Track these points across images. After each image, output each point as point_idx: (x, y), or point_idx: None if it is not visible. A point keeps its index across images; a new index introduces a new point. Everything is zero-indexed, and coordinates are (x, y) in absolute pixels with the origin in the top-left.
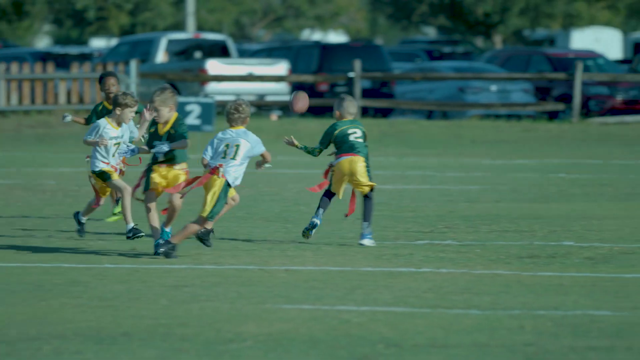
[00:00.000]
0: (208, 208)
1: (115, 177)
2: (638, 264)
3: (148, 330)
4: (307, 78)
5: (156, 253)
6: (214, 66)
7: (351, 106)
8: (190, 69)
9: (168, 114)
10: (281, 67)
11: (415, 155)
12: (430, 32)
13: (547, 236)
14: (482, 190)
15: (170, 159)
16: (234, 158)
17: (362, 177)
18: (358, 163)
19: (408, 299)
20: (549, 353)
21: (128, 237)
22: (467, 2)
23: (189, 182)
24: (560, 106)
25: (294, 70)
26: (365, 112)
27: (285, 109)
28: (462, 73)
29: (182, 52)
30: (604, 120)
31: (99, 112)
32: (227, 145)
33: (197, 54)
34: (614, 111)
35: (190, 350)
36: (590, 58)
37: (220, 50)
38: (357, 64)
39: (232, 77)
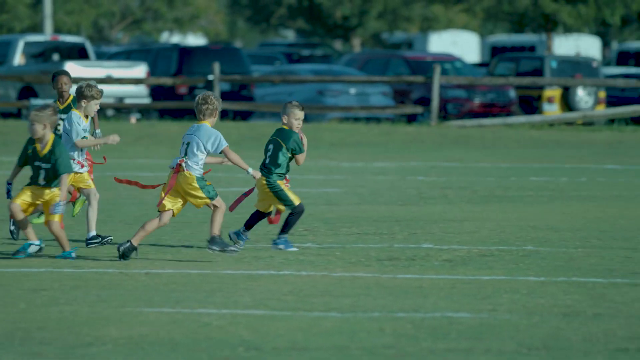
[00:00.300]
0: (202, 201)
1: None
2: (496, 266)
3: (6, 334)
4: (166, 81)
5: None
6: (72, 68)
7: (299, 112)
8: (47, 71)
9: (42, 131)
10: (140, 70)
11: None
12: (289, 35)
13: (407, 238)
14: (342, 193)
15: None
16: (185, 155)
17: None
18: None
19: (268, 302)
20: (409, 355)
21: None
22: (325, 5)
23: (166, 189)
24: (418, 109)
25: (152, 72)
26: (224, 114)
27: (144, 111)
28: (321, 76)
29: (40, 54)
30: (462, 124)
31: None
32: (182, 142)
33: (55, 57)
34: (472, 114)
35: (49, 354)
36: (448, 61)
37: (78, 53)
38: (216, 66)
39: (90, 79)
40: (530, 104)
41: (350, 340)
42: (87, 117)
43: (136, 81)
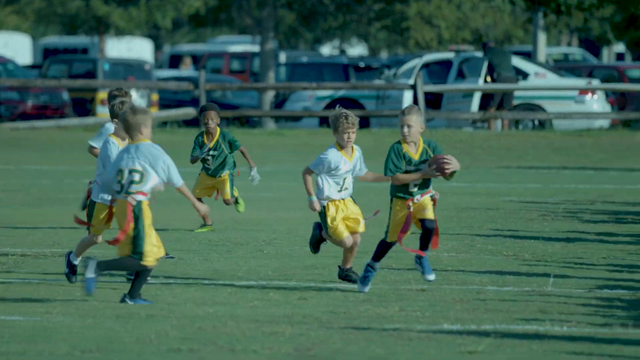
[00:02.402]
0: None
1: None
2: (49, 269)
3: None
4: None
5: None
6: None
7: None
8: None
9: None
10: None
11: None
12: None
13: None
14: None
15: None
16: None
17: None
18: None
19: None
20: None
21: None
22: None
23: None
24: None
25: None
26: None
27: None
28: None
29: None
30: (15, 126)
31: None
32: None
33: None
34: (25, 116)
35: None
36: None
37: None
38: None
39: None
40: (83, 106)
41: None
42: (123, 138)
43: None
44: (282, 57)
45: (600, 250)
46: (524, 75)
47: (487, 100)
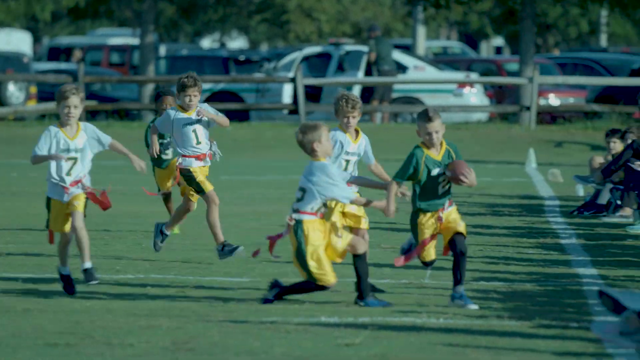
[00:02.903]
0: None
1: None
2: None
3: None
4: None
5: None
6: None
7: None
8: None
9: None
10: None
11: None
12: None
13: None
14: None
15: None
16: None
17: None
18: None
19: None
20: None
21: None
22: None
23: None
24: None
25: None
26: None
27: None
28: None
29: None
30: None
31: None
32: None
33: None
34: None
35: None
36: None
37: None
38: None
39: None
40: None
41: None
42: None
43: None
44: (162, 50)
45: (477, 242)
46: (403, 68)
47: (368, 93)
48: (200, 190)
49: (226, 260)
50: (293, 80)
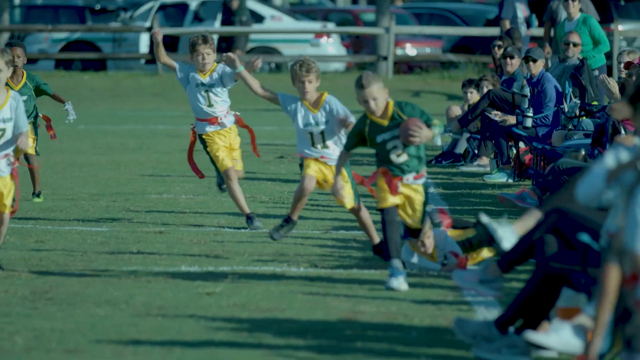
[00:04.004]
0: None
1: None
2: None
3: None
4: None
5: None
6: None
7: None
8: None
9: None
10: None
11: None
12: None
13: None
14: None
15: None
16: None
17: None
18: None
19: None
20: None
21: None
22: None
23: None
24: None
25: None
26: None
27: None
28: None
29: None
30: None
31: None
32: None
33: None
34: None
35: None
36: None
37: None
38: None
39: None
40: None
41: None
42: None
43: None
44: None
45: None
46: (260, 18)
47: (226, 43)
48: (215, 166)
49: (82, 209)
50: (149, 29)
